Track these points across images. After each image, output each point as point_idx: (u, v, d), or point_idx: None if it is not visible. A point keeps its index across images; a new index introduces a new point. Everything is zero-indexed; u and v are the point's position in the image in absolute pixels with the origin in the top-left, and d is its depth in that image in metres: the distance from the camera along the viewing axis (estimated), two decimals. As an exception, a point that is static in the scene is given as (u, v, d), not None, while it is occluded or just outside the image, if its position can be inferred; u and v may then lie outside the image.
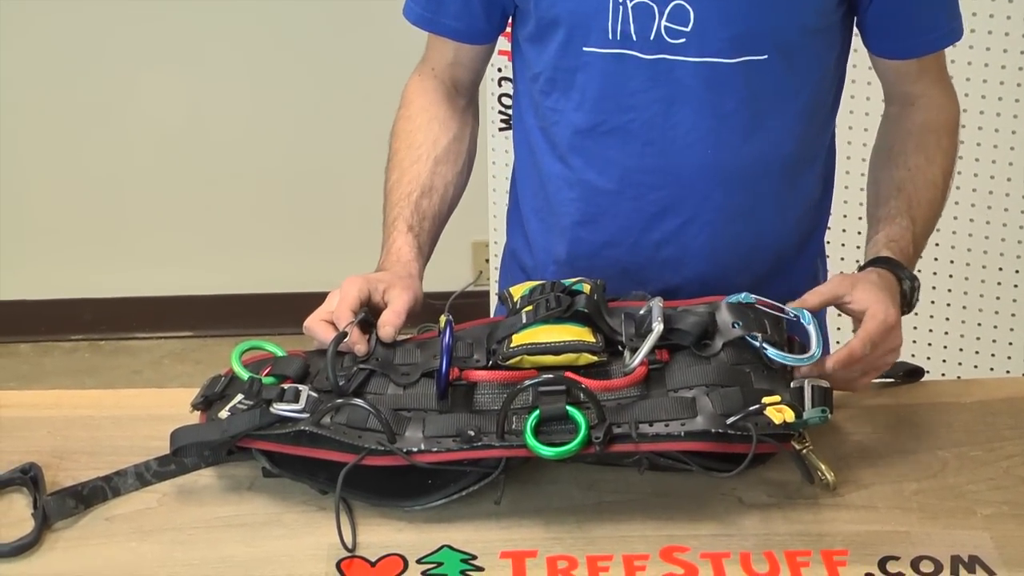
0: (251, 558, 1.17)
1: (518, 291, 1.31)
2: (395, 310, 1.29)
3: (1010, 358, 2.38)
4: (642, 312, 1.27)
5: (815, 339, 1.25)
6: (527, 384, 1.19)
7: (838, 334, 2.44)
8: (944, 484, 1.27)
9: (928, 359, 2.39)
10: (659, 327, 1.22)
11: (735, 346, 1.24)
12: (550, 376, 1.19)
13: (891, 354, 1.29)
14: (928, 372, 1.43)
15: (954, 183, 1.49)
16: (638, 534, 1.20)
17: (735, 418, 1.18)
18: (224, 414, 1.24)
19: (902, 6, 1.40)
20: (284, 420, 1.21)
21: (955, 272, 2.35)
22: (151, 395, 1.47)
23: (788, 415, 1.18)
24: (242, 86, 3.11)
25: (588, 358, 1.23)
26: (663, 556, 1.17)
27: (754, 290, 1.29)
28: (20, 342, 3.31)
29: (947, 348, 2.41)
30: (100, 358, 3.28)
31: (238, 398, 1.25)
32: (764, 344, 1.23)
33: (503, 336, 1.25)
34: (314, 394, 1.22)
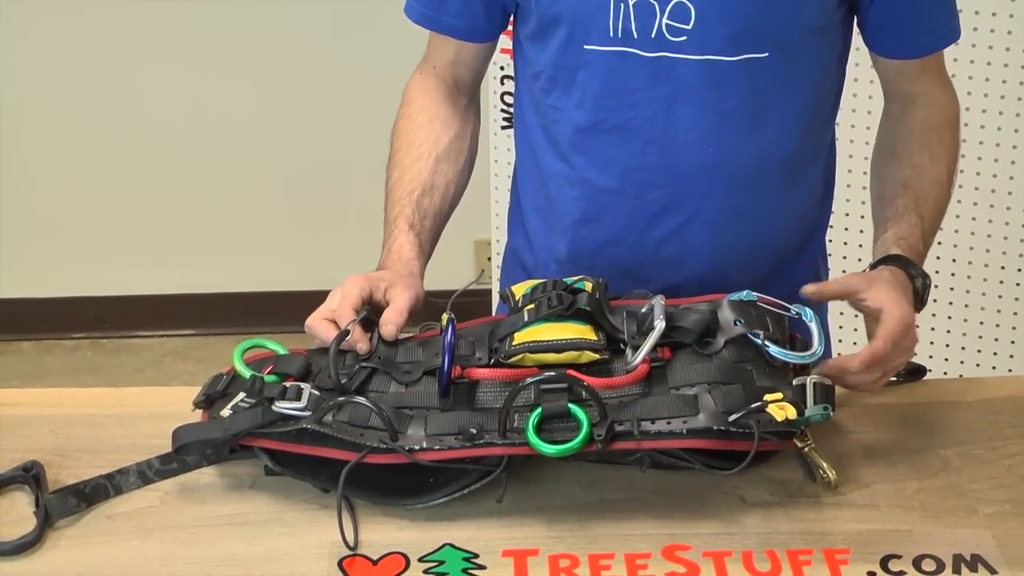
0: (253, 556, 1.17)
1: (520, 289, 1.31)
2: (397, 308, 1.29)
3: (1012, 357, 2.38)
4: (644, 310, 1.27)
5: (817, 337, 1.25)
6: (529, 382, 1.19)
7: (840, 332, 2.46)
8: (946, 483, 1.27)
9: (930, 358, 2.38)
10: (661, 325, 1.22)
11: (737, 344, 1.24)
12: (552, 374, 1.19)
13: (908, 353, 1.29)
14: (930, 371, 1.42)
15: (957, 181, 1.49)
16: (640, 532, 1.19)
17: (737, 415, 1.18)
18: (226, 412, 1.24)
19: (902, 6, 1.41)
20: (286, 418, 1.21)
21: (957, 271, 2.35)
22: (153, 393, 1.47)
23: (790, 412, 1.18)
24: (243, 84, 3.11)
25: (590, 356, 1.23)
26: (665, 554, 1.17)
27: (755, 289, 1.29)
28: (22, 340, 3.31)
29: (949, 347, 2.41)
30: (102, 356, 3.28)
31: (240, 396, 1.25)
32: (766, 342, 1.23)
33: (505, 334, 1.25)
34: (316, 392, 1.22)
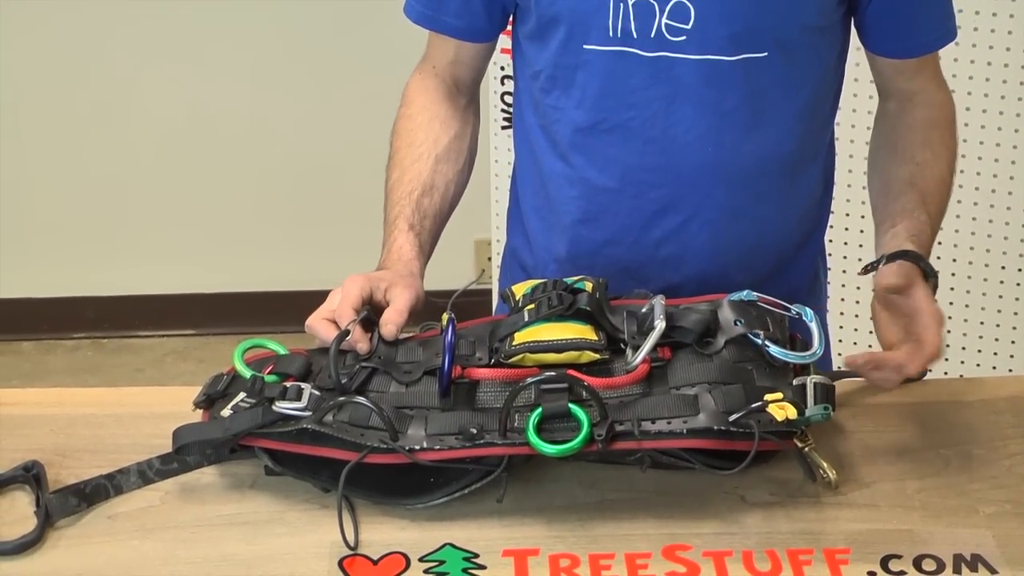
0: (253, 556, 1.17)
1: (520, 289, 1.31)
2: (397, 308, 1.29)
3: (1012, 356, 2.38)
4: (644, 310, 1.27)
5: (817, 336, 1.25)
6: (529, 382, 1.19)
7: (840, 332, 2.46)
8: (946, 482, 1.26)
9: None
10: (661, 325, 1.22)
11: (737, 344, 1.24)
12: (552, 374, 1.19)
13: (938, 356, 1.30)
14: (931, 370, 1.42)
15: (957, 181, 1.49)
16: (640, 532, 1.19)
17: (737, 415, 1.18)
18: (226, 412, 1.24)
19: (900, 6, 1.41)
20: (286, 418, 1.21)
21: (958, 271, 2.35)
22: (153, 393, 1.47)
23: (790, 412, 1.18)
24: (244, 84, 3.11)
25: (590, 356, 1.23)
26: (665, 554, 1.17)
27: (754, 288, 1.29)
28: (23, 340, 3.31)
29: (950, 347, 2.41)
30: (102, 356, 3.28)
31: (240, 396, 1.25)
32: (766, 342, 1.23)
33: (505, 334, 1.25)
34: (316, 392, 1.22)
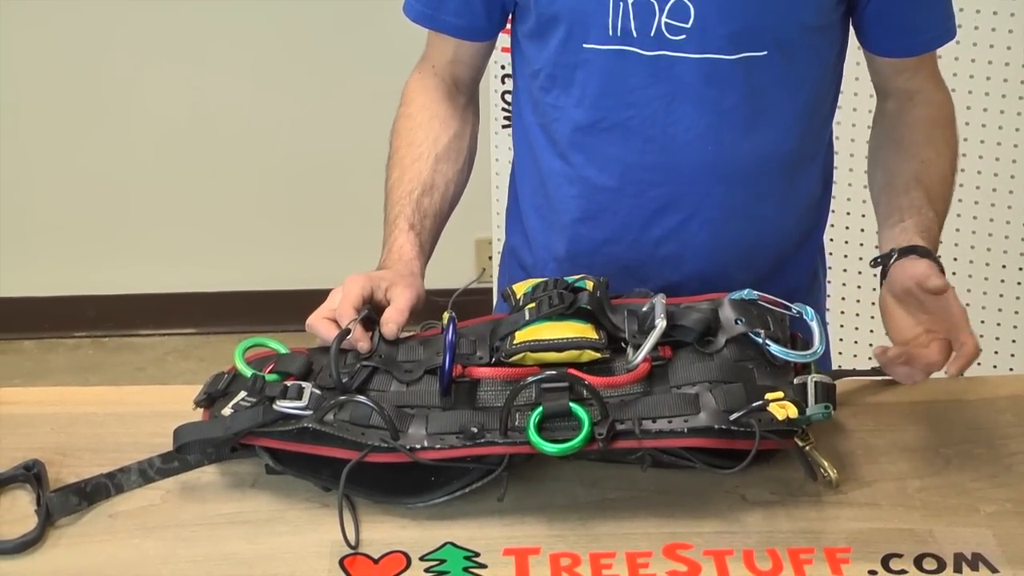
0: (254, 555, 1.17)
1: (521, 288, 1.31)
2: (398, 308, 1.29)
3: (1013, 356, 2.38)
4: (645, 309, 1.27)
5: (818, 335, 1.25)
6: (530, 381, 1.19)
7: (841, 331, 2.45)
8: (947, 481, 1.26)
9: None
10: (662, 324, 1.22)
11: (738, 343, 1.24)
12: (553, 373, 1.19)
13: None
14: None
15: (958, 178, 1.49)
16: (641, 531, 1.19)
17: (738, 414, 1.18)
18: (227, 411, 1.24)
19: (899, 6, 1.41)
20: (287, 417, 1.21)
21: (959, 270, 2.35)
22: (154, 392, 1.46)
23: (791, 411, 1.18)
24: (245, 83, 3.11)
25: (591, 355, 1.23)
26: (666, 553, 1.17)
27: (754, 287, 1.29)
28: (24, 339, 3.31)
29: (950, 346, 2.41)
30: (103, 355, 3.28)
31: (241, 395, 1.25)
32: (767, 340, 1.23)
33: (506, 333, 1.25)
34: (317, 391, 1.22)
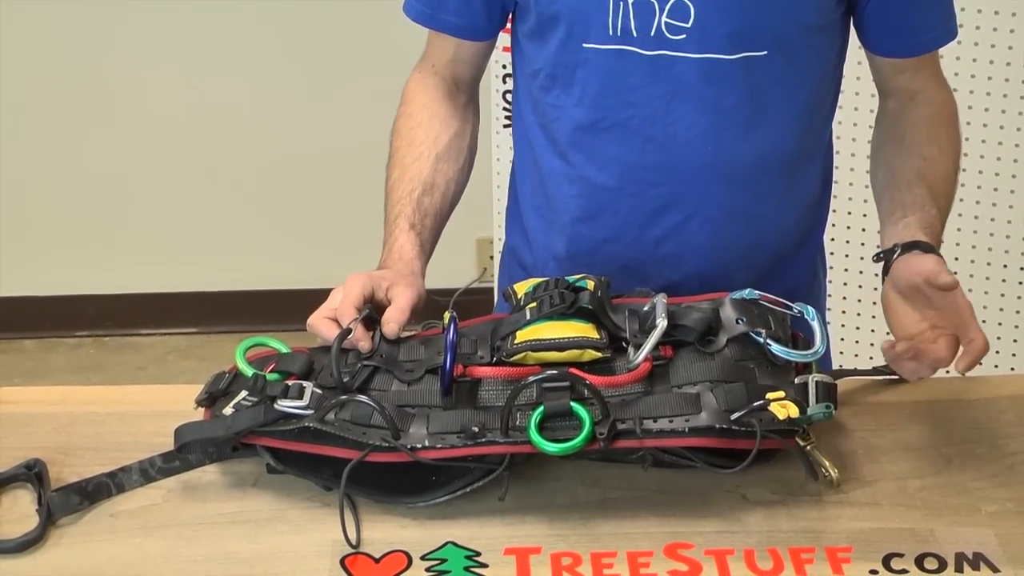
0: (255, 554, 1.17)
1: (522, 288, 1.31)
2: (399, 307, 1.29)
3: (1015, 355, 2.38)
4: (646, 308, 1.27)
5: (819, 335, 1.25)
6: (531, 380, 1.19)
7: (842, 331, 2.45)
8: (948, 481, 1.26)
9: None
10: (663, 323, 1.22)
11: (739, 342, 1.24)
12: (554, 372, 1.19)
13: None
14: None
15: (959, 178, 1.49)
16: (642, 531, 1.19)
17: (739, 414, 1.18)
18: (228, 411, 1.24)
19: (900, 6, 1.41)
20: (288, 416, 1.21)
21: (960, 270, 2.35)
22: (155, 391, 1.46)
23: (792, 411, 1.18)
24: (246, 83, 3.11)
25: (592, 354, 1.23)
26: (667, 553, 1.17)
27: (753, 287, 1.29)
28: (25, 338, 3.31)
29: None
30: (105, 354, 3.28)
31: (242, 394, 1.25)
32: (768, 340, 1.23)
33: (507, 332, 1.25)
34: (318, 391, 1.22)
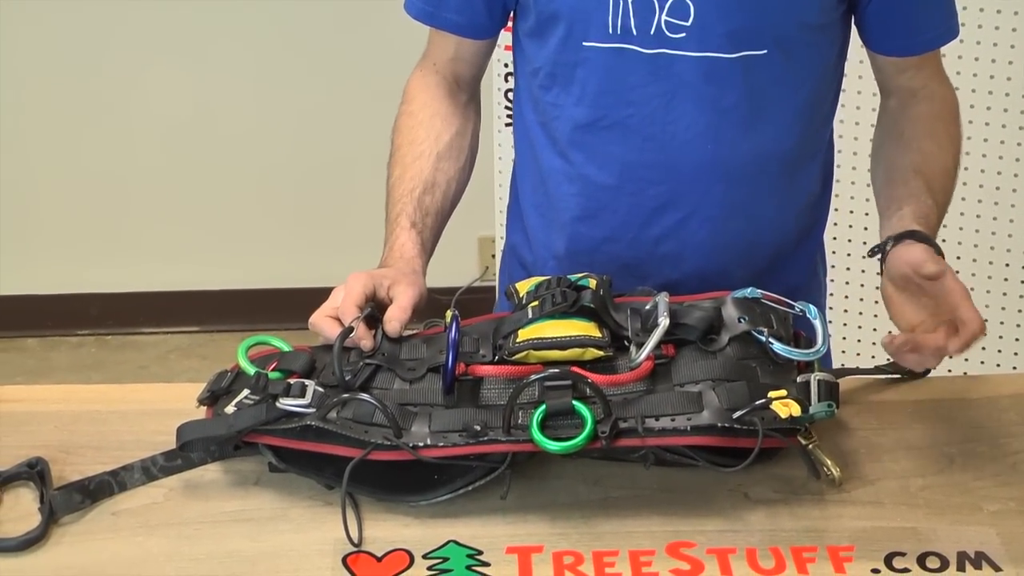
0: (257, 553, 1.17)
1: (524, 287, 1.31)
2: (401, 305, 1.29)
3: (1016, 354, 2.38)
4: (648, 307, 1.27)
5: (821, 334, 1.25)
6: (533, 379, 1.19)
7: (843, 329, 2.45)
8: (950, 480, 1.26)
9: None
10: (665, 322, 1.22)
11: (741, 341, 1.24)
12: (556, 371, 1.19)
13: None
14: (934, 368, 1.42)
15: (960, 177, 1.49)
16: (644, 530, 1.19)
17: (741, 413, 1.18)
18: (230, 409, 1.24)
19: (901, 5, 1.40)
20: (290, 415, 1.21)
21: (962, 269, 2.35)
22: (157, 390, 1.47)
23: (794, 410, 1.18)
24: (247, 81, 3.11)
25: (594, 353, 1.23)
26: (669, 551, 1.17)
27: (752, 284, 1.29)
28: (26, 337, 3.31)
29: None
30: (106, 353, 3.28)
31: (244, 393, 1.25)
32: (770, 339, 1.23)
33: (509, 331, 1.25)
34: (320, 389, 1.22)
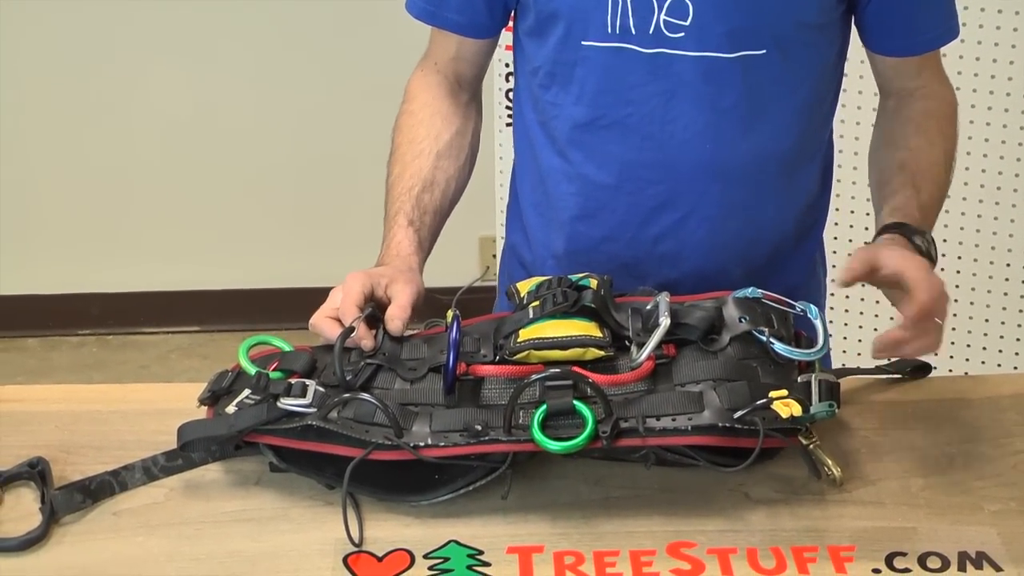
0: (258, 553, 1.17)
1: (524, 286, 1.31)
2: (401, 304, 1.29)
3: (1017, 354, 2.38)
4: (649, 307, 1.27)
5: (822, 333, 1.25)
6: (534, 379, 1.19)
7: (844, 329, 2.45)
8: (951, 480, 1.26)
9: (935, 355, 2.37)
10: (666, 322, 1.22)
11: (742, 341, 1.24)
12: (557, 370, 1.19)
13: (943, 297, 1.27)
14: (935, 368, 1.42)
15: (956, 174, 1.48)
16: (645, 529, 1.19)
17: (742, 412, 1.18)
18: (231, 409, 1.24)
19: (901, 5, 1.40)
20: (291, 415, 1.21)
21: (962, 268, 2.35)
22: (158, 390, 1.47)
23: (795, 409, 1.18)
24: (248, 81, 3.11)
25: (595, 353, 1.23)
26: (670, 551, 1.17)
27: (751, 284, 1.29)
28: (27, 337, 3.31)
29: (954, 344, 2.41)
30: (107, 353, 3.28)
31: (245, 393, 1.25)
32: (771, 339, 1.23)
33: (510, 331, 1.25)
34: (321, 389, 1.22)
